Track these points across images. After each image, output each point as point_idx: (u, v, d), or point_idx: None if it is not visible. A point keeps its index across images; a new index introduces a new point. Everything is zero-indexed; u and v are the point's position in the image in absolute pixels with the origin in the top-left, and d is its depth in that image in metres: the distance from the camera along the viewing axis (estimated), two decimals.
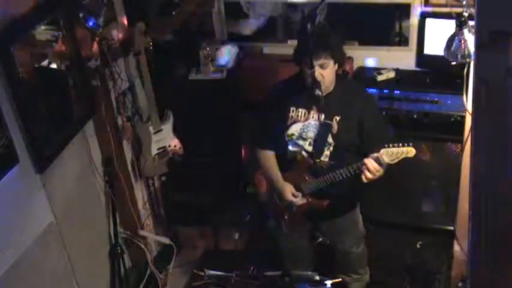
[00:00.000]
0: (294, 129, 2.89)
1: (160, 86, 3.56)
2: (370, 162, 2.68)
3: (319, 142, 2.84)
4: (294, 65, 2.85)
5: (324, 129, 2.82)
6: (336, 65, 2.77)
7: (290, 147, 2.93)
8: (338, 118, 2.81)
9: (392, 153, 2.66)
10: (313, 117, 2.86)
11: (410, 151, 2.66)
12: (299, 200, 2.95)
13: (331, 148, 2.84)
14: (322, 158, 2.86)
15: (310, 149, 2.88)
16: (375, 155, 2.68)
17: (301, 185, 2.94)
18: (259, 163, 3.06)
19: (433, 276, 3.62)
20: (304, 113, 2.87)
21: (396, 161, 2.68)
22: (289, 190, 2.93)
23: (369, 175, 2.70)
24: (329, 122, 2.81)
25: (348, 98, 2.85)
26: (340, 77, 2.91)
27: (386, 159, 2.67)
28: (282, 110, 2.91)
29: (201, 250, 4.05)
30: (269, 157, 3.01)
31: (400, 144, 2.66)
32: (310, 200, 2.95)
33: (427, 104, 3.59)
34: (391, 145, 2.67)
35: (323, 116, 2.82)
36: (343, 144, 2.84)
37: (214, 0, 4.09)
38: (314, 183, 2.89)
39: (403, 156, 2.67)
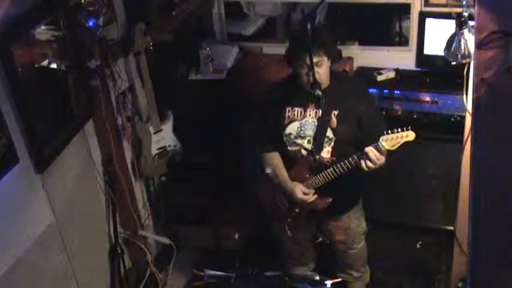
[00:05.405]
0: (292, 128, 2.89)
1: (160, 86, 3.56)
2: (371, 150, 2.67)
3: (318, 139, 2.84)
4: None
5: (322, 125, 2.82)
6: (329, 61, 2.77)
7: (289, 147, 2.92)
8: (336, 112, 2.81)
9: (392, 139, 2.65)
10: (310, 115, 2.86)
11: (409, 134, 2.65)
12: (311, 198, 2.92)
13: (332, 143, 2.84)
14: (323, 155, 2.85)
15: (309, 146, 2.87)
16: (375, 143, 2.68)
17: (306, 183, 2.92)
18: (265, 166, 3.01)
19: (433, 276, 3.63)
20: (301, 112, 2.87)
21: (396, 146, 2.67)
22: (299, 189, 2.90)
23: (370, 164, 2.69)
24: (327, 117, 2.81)
25: (343, 91, 2.85)
26: (333, 72, 2.90)
27: (386, 146, 2.66)
28: (278, 112, 2.91)
29: (201, 250, 4.05)
30: (274, 157, 2.99)
31: (399, 129, 2.66)
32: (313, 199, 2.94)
33: (427, 104, 3.59)
34: (389, 131, 2.67)
35: (320, 112, 2.82)
36: (343, 138, 2.83)
37: (214, 0, 4.08)
38: (318, 178, 2.87)
39: (403, 140, 2.66)
